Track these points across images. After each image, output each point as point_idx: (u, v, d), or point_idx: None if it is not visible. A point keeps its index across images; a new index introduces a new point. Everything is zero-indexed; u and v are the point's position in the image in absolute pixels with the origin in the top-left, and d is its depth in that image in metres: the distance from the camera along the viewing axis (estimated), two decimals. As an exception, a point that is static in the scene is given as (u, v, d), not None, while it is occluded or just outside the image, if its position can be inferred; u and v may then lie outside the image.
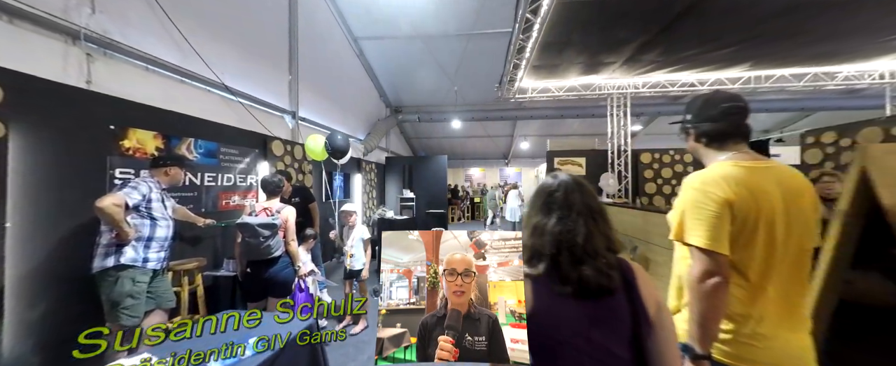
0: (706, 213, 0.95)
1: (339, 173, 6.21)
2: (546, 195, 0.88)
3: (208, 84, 3.78)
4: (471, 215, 14.42)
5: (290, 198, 3.82)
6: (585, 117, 10.46)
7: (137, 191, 2.23)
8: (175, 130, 3.17)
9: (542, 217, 0.86)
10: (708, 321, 0.95)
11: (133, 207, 2.19)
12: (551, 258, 0.81)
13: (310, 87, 6.01)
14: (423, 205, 9.44)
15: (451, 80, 9.13)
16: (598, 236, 0.82)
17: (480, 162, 16.87)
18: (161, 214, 2.38)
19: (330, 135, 3.67)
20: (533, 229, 0.88)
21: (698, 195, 0.98)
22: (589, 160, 6.32)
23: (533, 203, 0.91)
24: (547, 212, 0.86)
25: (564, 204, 0.84)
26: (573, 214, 0.83)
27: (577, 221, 0.82)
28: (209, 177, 3.50)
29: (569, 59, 5.08)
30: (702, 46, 4.81)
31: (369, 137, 8.56)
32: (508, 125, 13.11)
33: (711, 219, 0.94)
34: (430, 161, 9.66)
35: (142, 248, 2.25)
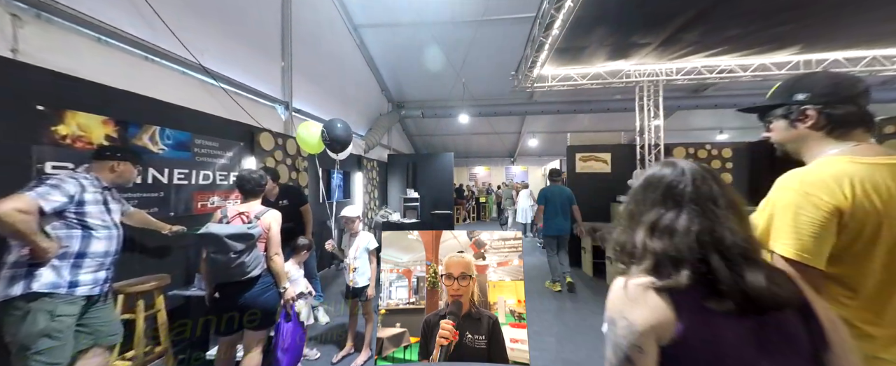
0: (804, 219, 0.81)
1: (339, 171, 5.62)
2: (665, 187, 0.72)
3: (183, 65, 3.18)
4: (476, 216, 13.81)
5: (278, 200, 3.21)
6: (600, 112, 9.86)
7: (60, 191, 1.62)
8: (134, 116, 2.57)
9: (664, 213, 0.70)
10: None
11: (53, 212, 1.59)
12: (696, 265, 0.64)
13: (305, 77, 5.41)
14: (427, 205, 8.85)
15: (458, 72, 8.52)
16: (752, 235, 0.68)
17: (486, 161, 16.25)
18: (100, 220, 1.78)
19: (328, 122, 3.06)
20: (651, 229, 0.70)
21: (797, 198, 0.83)
22: (614, 156, 5.71)
23: (641, 197, 0.76)
24: (672, 206, 0.70)
25: (698, 196, 0.69)
26: (717, 208, 0.67)
27: (727, 217, 0.66)
28: (180, 174, 2.90)
29: (598, 40, 4.47)
30: (749, 26, 4.20)
31: (371, 133, 7.94)
32: (516, 122, 12.51)
33: (809, 227, 0.80)
34: (435, 159, 9.06)
35: (68, 268, 1.65)
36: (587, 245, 5.21)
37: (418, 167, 9.06)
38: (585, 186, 5.75)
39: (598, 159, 5.74)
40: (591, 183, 5.75)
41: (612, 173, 5.71)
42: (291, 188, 3.52)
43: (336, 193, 4.66)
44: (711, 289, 0.62)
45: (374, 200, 7.75)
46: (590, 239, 5.03)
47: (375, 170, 7.88)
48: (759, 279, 0.61)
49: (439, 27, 7.06)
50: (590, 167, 5.76)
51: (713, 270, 0.62)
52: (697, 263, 0.64)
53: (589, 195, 5.71)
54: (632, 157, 5.69)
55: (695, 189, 0.70)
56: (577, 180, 5.81)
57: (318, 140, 3.03)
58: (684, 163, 0.75)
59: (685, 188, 0.70)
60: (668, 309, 0.62)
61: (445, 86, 9.28)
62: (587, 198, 5.70)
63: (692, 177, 0.71)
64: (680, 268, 0.65)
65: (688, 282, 0.63)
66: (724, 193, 0.70)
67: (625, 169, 5.64)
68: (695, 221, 0.67)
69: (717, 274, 0.62)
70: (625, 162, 5.70)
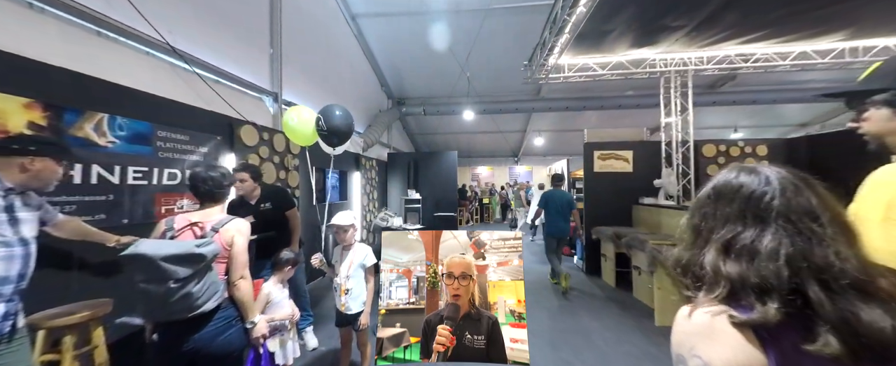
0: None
1: (334, 171, 5.12)
2: (745, 199, 0.60)
3: (147, 44, 2.68)
4: (480, 217, 13.29)
5: (259, 203, 2.70)
6: (611, 109, 9.35)
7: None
8: (74, 100, 2.06)
9: (742, 231, 0.58)
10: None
11: None
12: (788, 296, 0.51)
13: (297, 67, 4.91)
14: (430, 206, 8.36)
15: (463, 66, 8.03)
16: (868, 260, 0.54)
17: (489, 160, 15.75)
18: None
19: (326, 108, 2.55)
20: (724, 250, 0.58)
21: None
22: (637, 154, 5.21)
23: (711, 210, 0.63)
24: (754, 223, 0.58)
25: (790, 210, 0.56)
26: (817, 226, 0.54)
27: (831, 237, 0.53)
28: (137, 172, 2.39)
29: (626, 22, 3.97)
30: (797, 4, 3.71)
31: (370, 130, 7.44)
32: (521, 120, 12.03)
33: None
34: (438, 157, 8.56)
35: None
36: (608, 252, 4.71)
37: (420, 166, 8.56)
38: (605, 186, 5.25)
39: (618, 158, 5.23)
40: (611, 183, 5.25)
41: (634, 173, 5.21)
42: (276, 189, 3.01)
43: (329, 195, 4.17)
44: (810, 328, 0.50)
45: (373, 201, 7.24)
46: (612, 245, 4.54)
47: (375, 169, 7.37)
48: (880, 317, 0.48)
49: (443, 17, 6.57)
50: (610, 166, 5.26)
51: (812, 304, 0.50)
52: (790, 293, 0.51)
53: (609, 197, 5.20)
54: (656, 155, 5.18)
55: (785, 202, 0.57)
56: (595, 181, 5.30)
57: (311, 130, 2.52)
58: (769, 169, 0.62)
59: (772, 201, 0.58)
60: (755, 350, 0.51)
61: (449, 81, 8.79)
62: (607, 200, 5.20)
63: (781, 187, 0.59)
64: (766, 299, 0.52)
65: (779, 317, 0.50)
66: (827, 207, 0.57)
67: (648, 168, 5.14)
68: (784, 241, 0.55)
69: (817, 309, 0.50)
70: (648, 161, 5.20)
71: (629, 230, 4.59)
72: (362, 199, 6.53)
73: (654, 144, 5.26)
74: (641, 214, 4.94)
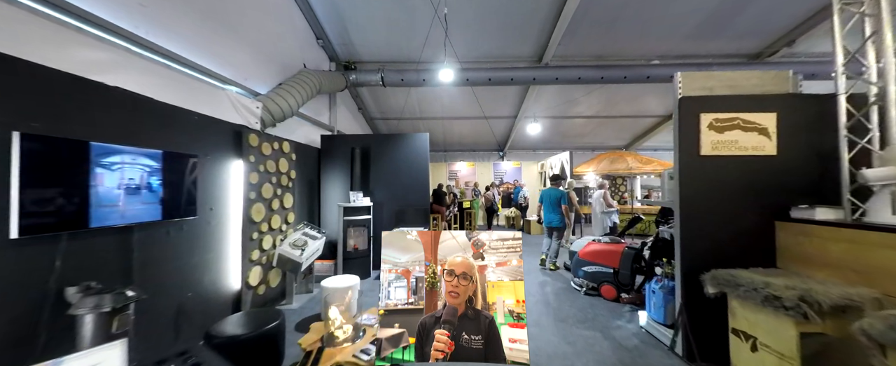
0: None
1: (144, 150, 2.16)
2: None
3: None
4: (459, 225, 10.49)
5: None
6: (636, 82, 6.84)
7: None
8: None
9: None
10: None
11: None
12: None
13: None
14: (388, 217, 5.52)
15: (440, 19, 5.23)
16: None
17: (469, 155, 13.01)
18: None
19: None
20: None
21: None
22: (785, 122, 2.61)
23: None
24: None
25: None
26: None
27: None
28: None
29: None
30: None
31: (279, 91, 4.43)
32: (512, 102, 9.40)
33: None
34: (401, 142, 5.72)
35: None
36: (751, 326, 2.06)
37: (373, 155, 5.65)
38: (727, 184, 2.62)
39: (750, 126, 2.61)
40: (737, 177, 2.63)
41: (778, 157, 2.62)
42: None
43: (123, 206, 1.25)
44: None
45: (277, 213, 4.23)
46: (765, 313, 1.90)
47: (292, 160, 4.35)
48: None
49: None
50: (734, 144, 2.63)
51: None
52: None
53: (730, 205, 2.59)
54: (825, 121, 2.60)
55: None
56: (700, 172, 2.66)
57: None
58: None
59: None
60: None
61: (418, 38, 5.95)
62: (727, 212, 2.59)
63: None
64: None
65: None
66: None
67: (806, 149, 2.57)
68: None
69: None
70: (804, 133, 2.62)
71: (796, 280, 1.98)
72: (250, 209, 3.53)
73: (824, 99, 2.63)
74: (799, 242, 2.36)
